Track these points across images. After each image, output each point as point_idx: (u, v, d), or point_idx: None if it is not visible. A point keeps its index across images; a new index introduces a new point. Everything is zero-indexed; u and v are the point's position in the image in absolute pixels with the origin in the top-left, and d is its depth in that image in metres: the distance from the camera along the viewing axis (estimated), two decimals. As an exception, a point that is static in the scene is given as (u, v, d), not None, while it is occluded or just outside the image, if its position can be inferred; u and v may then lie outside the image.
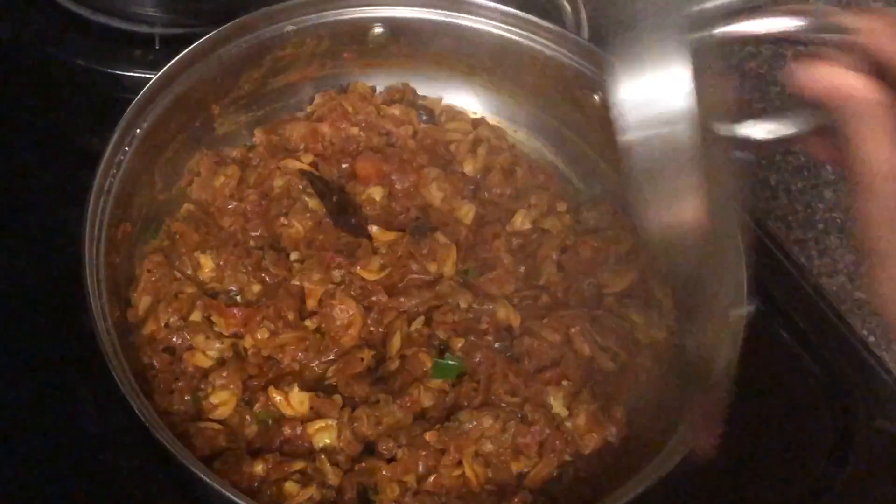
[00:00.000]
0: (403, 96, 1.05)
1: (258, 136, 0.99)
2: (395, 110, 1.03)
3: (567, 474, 0.85)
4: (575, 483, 0.84)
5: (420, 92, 1.06)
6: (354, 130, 1.01)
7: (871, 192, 0.51)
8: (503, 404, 0.86)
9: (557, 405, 0.87)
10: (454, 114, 1.06)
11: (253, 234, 0.93)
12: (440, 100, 1.06)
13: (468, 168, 1.00)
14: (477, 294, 0.91)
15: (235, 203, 0.94)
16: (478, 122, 1.05)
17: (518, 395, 0.86)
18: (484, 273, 0.93)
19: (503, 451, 0.83)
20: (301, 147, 0.99)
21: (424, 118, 1.05)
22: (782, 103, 1.13)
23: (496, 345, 0.89)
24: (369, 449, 0.83)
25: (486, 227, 0.97)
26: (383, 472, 0.81)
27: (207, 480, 0.71)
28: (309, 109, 1.03)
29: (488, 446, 0.83)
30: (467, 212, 0.97)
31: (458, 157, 1.01)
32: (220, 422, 0.82)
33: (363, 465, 0.81)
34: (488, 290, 0.92)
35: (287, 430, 0.82)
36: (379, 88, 1.05)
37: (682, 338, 0.87)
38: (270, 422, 0.83)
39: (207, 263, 0.90)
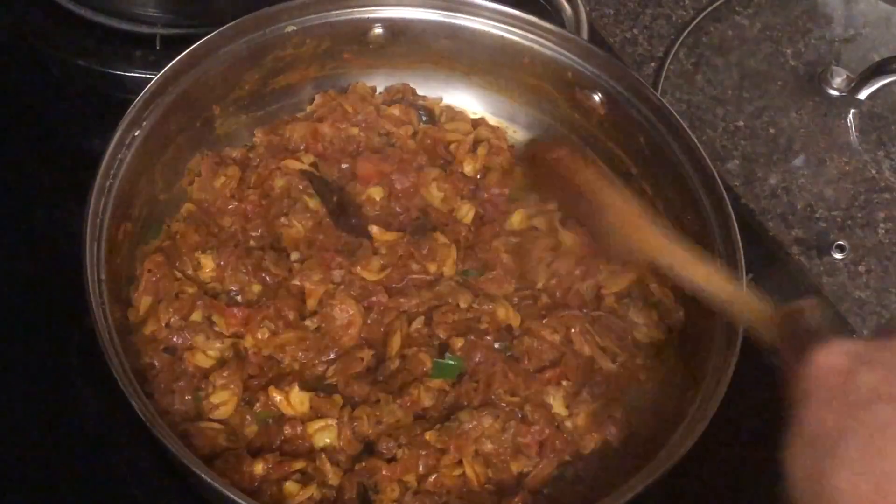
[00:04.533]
0: (403, 96, 1.05)
1: (258, 136, 0.99)
2: (395, 110, 1.03)
3: (567, 474, 0.85)
4: (575, 483, 0.84)
5: (420, 92, 1.06)
6: (354, 131, 1.01)
7: None
8: (503, 404, 0.86)
9: (557, 405, 0.87)
10: (454, 114, 1.06)
11: (253, 234, 0.93)
12: (440, 100, 1.06)
13: (468, 168, 1.00)
14: (477, 294, 0.91)
15: (236, 203, 0.94)
16: (478, 123, 1.05)
17: (518, 394, 0.86)
18: (484, 273, 0.93)
19: (503, 451, 0.83)
20: (301, 147, 0.99)
21: (424, 118, 1.05)
22: (783, 102, 1.13)
23: (496, 345, 0.89)
24: (369, 448, 0.83)
25: (485, 227, 0.97)
26: (383, 472, 0.81)
27: (208, 480, 0.71)
28: (309, 109, 1.03)
29: (489, 446, 0.83)
30: (467, 212, 0.97)
31: (457, 157, 1.01)
32: (220, 421, 0.83)
33: (363, 464, 0.81)
34: (488, 290, 0.92)
35: (287, 430, 0.82)
36: (379, 89, 1.05)
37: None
38: (270, 421, 0.83)
39: (208, 263, 0.90)
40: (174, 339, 0.85)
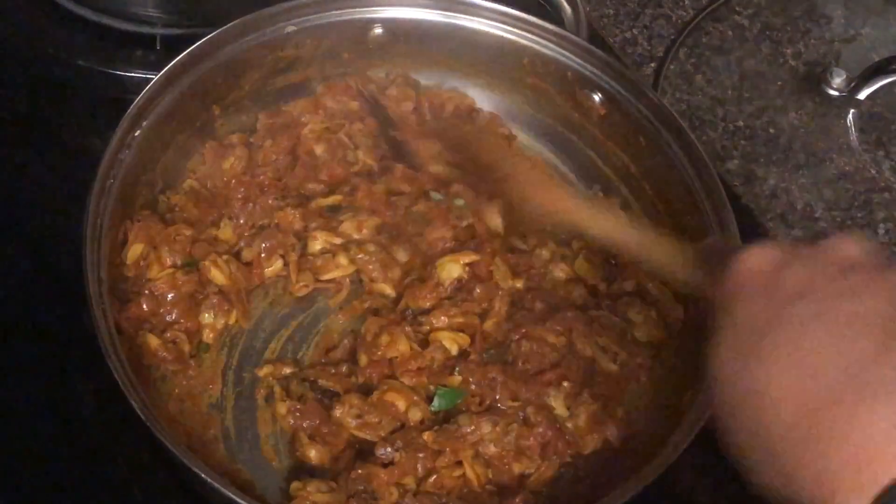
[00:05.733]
0: (405, 81, 1.04)
1: (262, 119, 0.99)
2: (393, 90, 1.02)
3: (567, 474, 0.84)
4: (575, 483, 0.84)
5: (421, 92, 1.06)
6: (354, 105, 1.00)
7: None
8: (504, 408, 0.85)
9: (558, 406, 0.86)
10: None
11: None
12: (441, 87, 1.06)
13: None
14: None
15: (249, 178, 0.95)
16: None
17: (519, 398, 0.86)
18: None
19: (506, 454, 0.83)
20: (302, 119, 0.99)
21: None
22: (783, 102, 1.13)
23: (485, 354, 0.89)
24: (367, 451, 0.83)
25: None
26: (381, 477, 0.80)
27: (208, 480, 0.71)
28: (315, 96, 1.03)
29: (492, 449, 0.83)
30: None
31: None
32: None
33: (359, 472, 0.80)
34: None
35: None
36: (380, 88, 1.06)
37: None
38: None
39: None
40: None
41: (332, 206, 0.95)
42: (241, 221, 0.92)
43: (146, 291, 0.86)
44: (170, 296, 0.86)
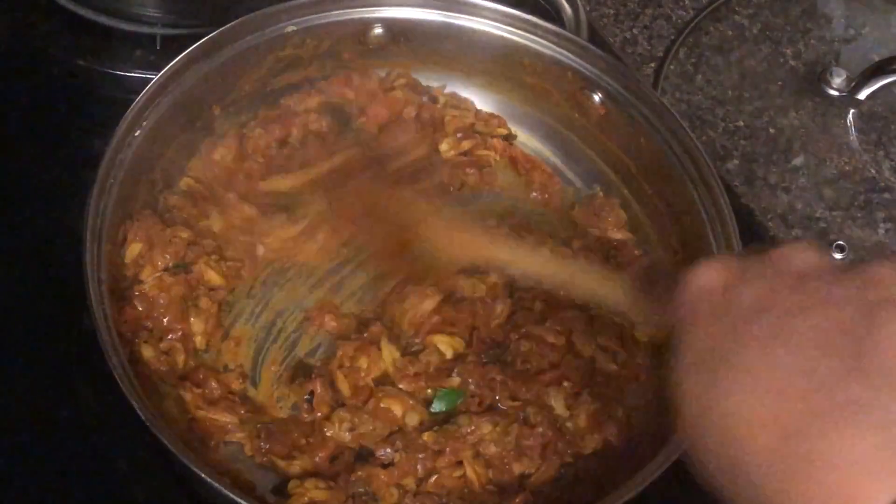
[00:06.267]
0: (406, 82, 1.04)
1: (261, 113, 0.99)
2: (398, 93, 1.02)
3: (567, 474, 0.85)
4: (575, 483, 0.84)
5: (420, 92, 1.06)
6: (350, 94, 1.00)
7: None
8: (504, 408, 0.85)
9: (558, 406, 0.86)
10: (458, 101, 1.05)
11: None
12: (443, 87, 1.06)
13: (443, 146, 1.00)
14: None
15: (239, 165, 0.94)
16: (479, 115, 1.05)
17: (519, 398, 0.86)
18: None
19: (506, 454, 0.83)
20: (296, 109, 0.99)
21: (425, 99, 1.05)
22: (783, 102, 1.13)
23: (484, 355, 0.88)
24: (366, 452, 0.83)
25: None
26: (381, 478, 0.80)
27: (209, 480, 0.71)
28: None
29: (492, 449, 0.83)
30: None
31: (445, 129, 1.01)
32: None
33: (359, 474, 0.80)
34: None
35: None
36: (380, 86, 1.05)
37: None
38: None
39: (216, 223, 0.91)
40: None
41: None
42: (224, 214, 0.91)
43: (136, 293, 0.85)
44: (161, 299, 0.85)
